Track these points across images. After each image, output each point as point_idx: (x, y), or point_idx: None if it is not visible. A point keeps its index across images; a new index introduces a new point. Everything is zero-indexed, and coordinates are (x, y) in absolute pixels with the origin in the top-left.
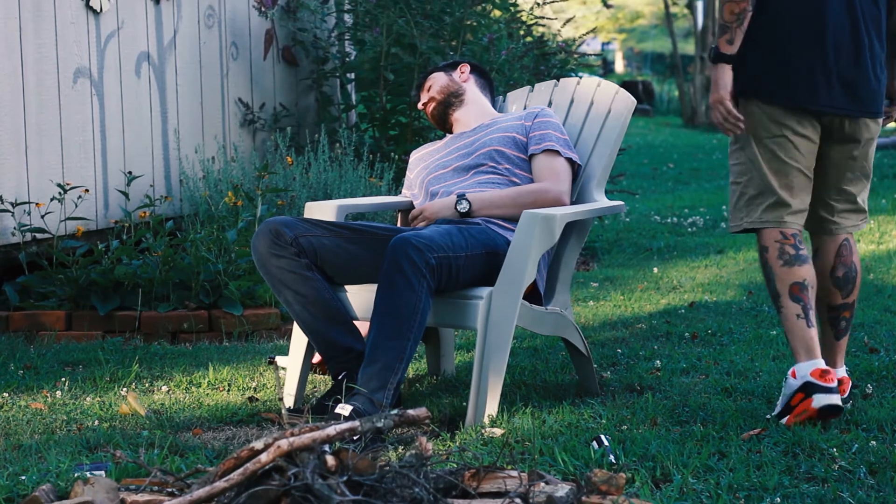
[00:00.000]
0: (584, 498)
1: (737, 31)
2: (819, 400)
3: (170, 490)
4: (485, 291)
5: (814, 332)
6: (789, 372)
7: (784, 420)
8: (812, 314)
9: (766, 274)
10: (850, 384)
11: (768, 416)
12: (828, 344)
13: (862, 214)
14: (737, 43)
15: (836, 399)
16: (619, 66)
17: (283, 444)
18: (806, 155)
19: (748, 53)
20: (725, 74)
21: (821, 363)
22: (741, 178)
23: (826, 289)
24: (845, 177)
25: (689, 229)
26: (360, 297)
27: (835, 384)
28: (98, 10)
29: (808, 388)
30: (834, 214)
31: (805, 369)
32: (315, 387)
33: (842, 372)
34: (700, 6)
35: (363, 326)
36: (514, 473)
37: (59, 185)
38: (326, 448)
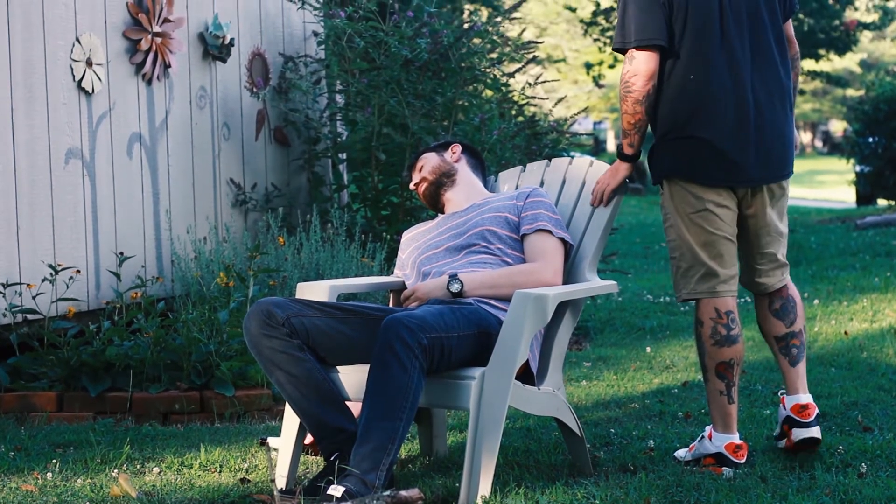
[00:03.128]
0: None
1: (635, 136)
2: (727, 473)
3: None
4: (477, 372)
5: (733, 409)
6: (707, 430)
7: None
8: (734, 391)
9: (699, 347)
10: (816, 410)
11: (675, 455)
12: (786, 373)
13: (784, 268)
14: (637, 146)
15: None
16: (611, 145)
17: None
18: (729, 223)
19: (664, 142)
20: (624, 170)
21: (735, 439)
22: (675, 254)
23: (769, 322)
24: (764, 241)
25: (682, 308)
26: (353, 378)
27: (744, 459)
28: (90, 92)
29: (720, 459)
30: (761, 276)
31: (721, 440)
32: (307, 468)
33: (806, 398)
34: None
35: (356, 407)
36: None
37: (50, 266)
38: None
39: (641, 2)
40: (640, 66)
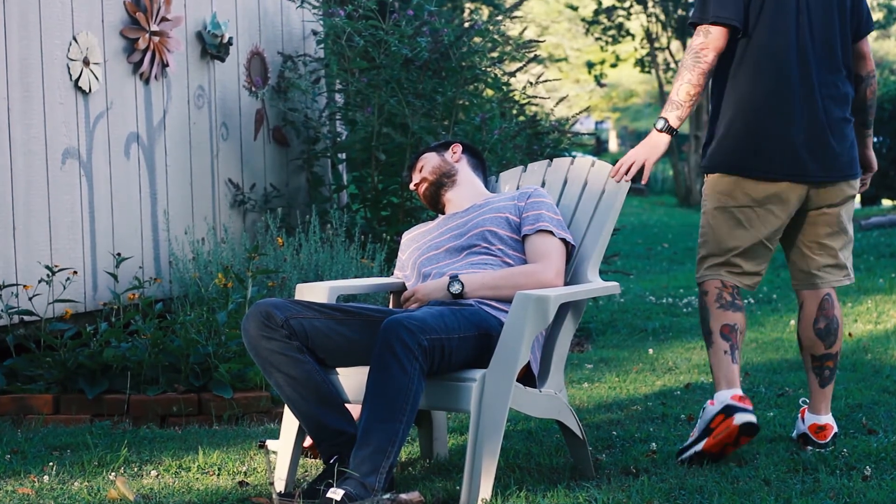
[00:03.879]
0: None
1: (688, 110)
2: (739, 417)
3: None
4: (478, 374)
5: (736, 368)
6: (707, 403)
7: (701, 445)
8: (738, 353)
9: (703, 315)
10: (834, 430)
11: (678, 455)
12: (813, 391)
13: (844, 271)
14: (684, 119)
15: (753, 417)
16: (613, 145)
17: None
18: (769, 227)
19: (722, 133)
20: (664, 144)
21: (739, 391)
22: (699, 241)
23: (810, 339)
24: (824, 231)
25: (685, 310)
26: (352, 380)
27: (751, 407)
28: (87, 91)
29: (729, 410)
30: (819, 269)
31: (725, 395)
32: (307, 471)
33: (826, 419)
34: None
35: (355, 409)
36: None
37: (47, 267)
38: None
39: None
40: (714, 41)
